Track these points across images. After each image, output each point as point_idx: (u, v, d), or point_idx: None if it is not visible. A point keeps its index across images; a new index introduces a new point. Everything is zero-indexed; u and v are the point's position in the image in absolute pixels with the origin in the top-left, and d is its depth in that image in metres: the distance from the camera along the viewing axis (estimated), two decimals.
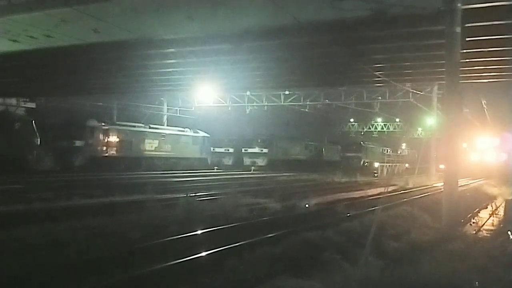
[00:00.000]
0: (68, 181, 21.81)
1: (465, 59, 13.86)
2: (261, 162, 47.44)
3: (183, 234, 9.89)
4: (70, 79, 25.22)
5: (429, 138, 39.96)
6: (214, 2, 13.15)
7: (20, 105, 32.68)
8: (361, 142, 52.64)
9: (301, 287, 5.67)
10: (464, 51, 11.91)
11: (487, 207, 17.72)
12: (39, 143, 28.03)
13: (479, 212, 16.29)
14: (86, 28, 14.69)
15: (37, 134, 27.91)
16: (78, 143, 30.75)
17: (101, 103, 37.58)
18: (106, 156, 32.04)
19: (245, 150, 48.66)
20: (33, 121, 28.31)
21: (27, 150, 27.41)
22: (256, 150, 48.33)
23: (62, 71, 22.57)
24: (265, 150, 48.36)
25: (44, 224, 9.69)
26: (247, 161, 47.71)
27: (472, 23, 12.20)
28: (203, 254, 8.32)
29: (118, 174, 28.26)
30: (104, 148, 32.17)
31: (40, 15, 14.46)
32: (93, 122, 32.28)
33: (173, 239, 9.40)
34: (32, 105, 33.38)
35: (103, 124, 32.99)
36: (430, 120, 37.35)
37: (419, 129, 59.33)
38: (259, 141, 48.53)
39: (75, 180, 22.60)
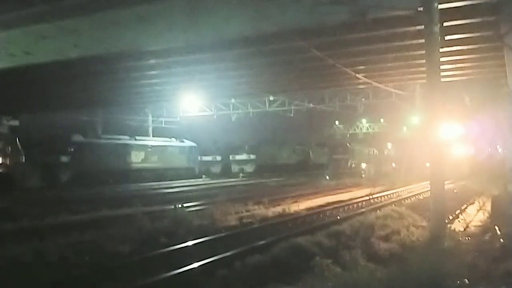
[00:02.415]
0: (55, 197, 21.60)
1: (445, 57, 14.01)
2: (249, 168, 47.57)
3: (173, 246, 9.86)
4: (52, 94, 25.00)
5: (414, 137, 40.17)
6: (194, 13, 13.16)
7: (2, 123, 32.29)
8: (347, 144, 52.84)
9: None
10: (444, 49, 12.04)
11: (474, 203, 17.84)
12: (24, 160, 27.74)
13: (466, 209, 16.42)
14: (66, 44, 14.59)
15: (22, 151, 27.62)
16: (63, 158, 30.50)
17: (85, 118, 37.33)
18: (92, 170, 31.76)
19: (232, 157, 48.77)
20: (17, 139, 28.03)
21: (12, 168, 27.09)
22: (244, 156, 48.50)
23: (44, 87, 22.36)
24: (252, 156, 48.53)
25: (30, 242, 9.59)
26: (235, 168, 47.80)
27: (450, 21, 12.36)
28: (195, 265, 8.28)
29: (105, 188, 28.06)
30: (90, 162, 31.90)
31: (19, 32, 14.38)
32: (77, 137, 32.05)
33: (163, 252, 9.35)
34: (16, 122, 33.01)
35: (88, 138, 32.77)
36: (414, 119, 37.64)
37: (404, 128, 59.76)
38: (246, 147, 48.69)
39: (62, 196, 22.39)
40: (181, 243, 10.16)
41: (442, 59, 11.48)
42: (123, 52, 15.32)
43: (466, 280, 6.55)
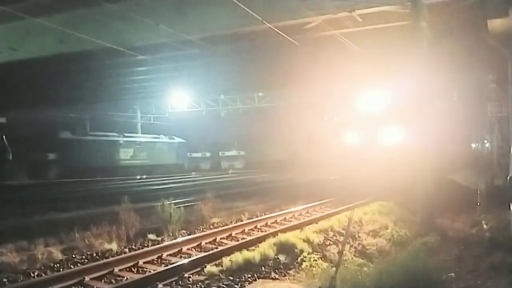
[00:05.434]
0: (42, 195, 21.40)
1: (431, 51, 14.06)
2: (238, 164, 47.58)
3: (162, 243, 9.83)
4: (40, 91, 24.79)
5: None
6: (181, 10, 13.09)
7: None
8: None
9: None
10: (430, 44, 12.09)
11: (461, 198, 17.88)
12: (11, 157, 27.48)
13: (454, 203, 16.47)
14: (51, 40, 14.50)
15: (9, 149, 27.36)
16: (51, 156, 30.25)
17: (73, 114, 36.93)
18: (80, 167, 31.52)
19: (222, 153, 48.71)
20: (4, 136, 27.75)
21: None
22: (233, 153, 48.49)
23: (31, 84, 22.17)
24: (242, 153, 48.53)
25: (16, 241, 9.52)
26: (224, 164, 47.78)
27: (436, 17, 12.40)
28: (185, 261, 8.27)
29: (93, 185, 27.87)
30: (78, 159, 31.67)
31: (4, 28, 14.24)
32: (65, 134, 31.79)
33: (154, 248, 9.30)
34: (2, 119, 32.67)
35: (75, 135, 32.53)
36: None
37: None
38: (235, 144, 48.66)
39: (49, 194, 22.20)
40: (169, 240, 10.14)
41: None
42: (109, 48, 15.20)
43: (453, 274, 6.59)
